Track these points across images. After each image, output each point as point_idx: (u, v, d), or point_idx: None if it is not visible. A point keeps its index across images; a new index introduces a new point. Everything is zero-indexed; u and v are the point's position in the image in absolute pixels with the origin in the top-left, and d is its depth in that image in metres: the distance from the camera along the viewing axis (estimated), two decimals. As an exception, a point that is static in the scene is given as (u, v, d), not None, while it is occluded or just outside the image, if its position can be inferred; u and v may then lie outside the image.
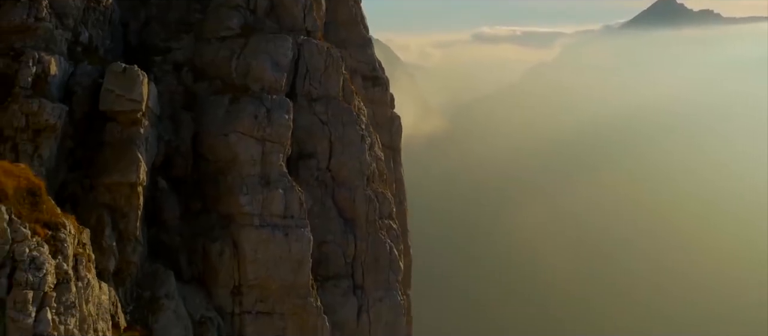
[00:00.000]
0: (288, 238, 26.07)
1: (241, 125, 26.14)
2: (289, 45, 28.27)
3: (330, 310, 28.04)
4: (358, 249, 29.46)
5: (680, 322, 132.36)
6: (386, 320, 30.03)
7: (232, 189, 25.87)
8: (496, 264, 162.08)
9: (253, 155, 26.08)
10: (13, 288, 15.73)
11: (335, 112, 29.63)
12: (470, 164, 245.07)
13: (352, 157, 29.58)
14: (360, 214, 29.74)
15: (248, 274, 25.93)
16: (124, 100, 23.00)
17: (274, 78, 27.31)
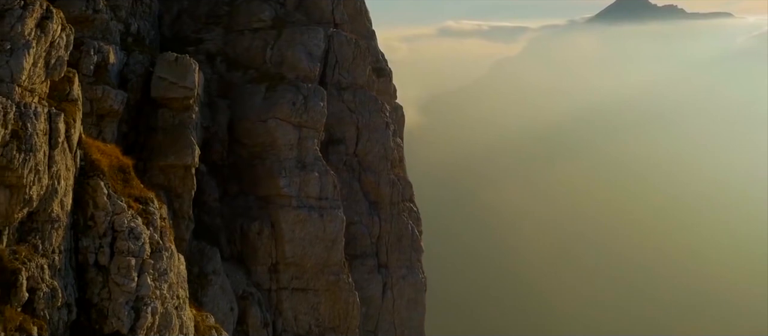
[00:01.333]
0: (323, 219, 27.74)
1: (280, 112, 27.73)
2: (321, 36, 29.92)
3: (357, 287, 29.74)
4: (383, 230, 31.21)
5: (645, 298, 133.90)
6: (408, 297, 31.86)
7: (271, 172, 27.44)
8: (467, 259, 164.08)
9: (290, 140, 27.68)
10: (116, 255, 17.21)
11: (362, 101, 31.34)
12: (442, 158, 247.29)
13: (377, 142, 31.32)
14: (384, 197, 31.49)
15: (286, 253, 27.53)
16: (178, 87, 24.45)
17: (309, 68, 28.94)
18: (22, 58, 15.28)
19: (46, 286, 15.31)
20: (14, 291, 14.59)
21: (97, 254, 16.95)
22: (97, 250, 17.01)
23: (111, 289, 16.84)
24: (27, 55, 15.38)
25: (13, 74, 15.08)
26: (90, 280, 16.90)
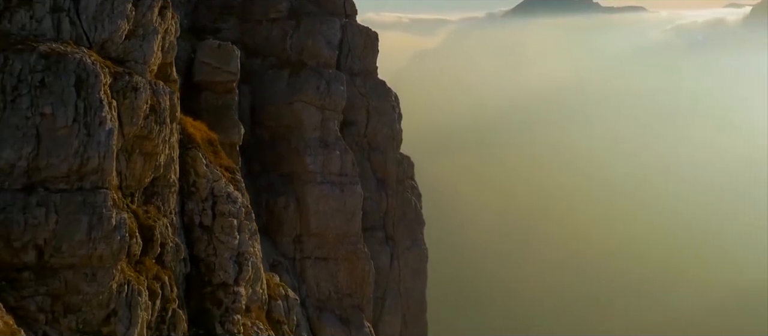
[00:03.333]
0: (343, 193, 30.39)
1: (306, 95, 30.18)
2: (338, 26, 32.46)
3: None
4: (389, 205, 34.03)
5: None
6: (413, 267, 34.80)
7: (297, 150, 29.91)
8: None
9: (314, 121, 30.21)
10: (218, 217, 19.64)
11: (372, 86, 34.04)
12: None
13: (385, 124, 34.07)
14: (390, 175, 34.30)
15: (310, 225, 30.07)
16: (222, 71, 26.63)
17: (329, 55, 31.47)
18: (153, 43, 17.55)
19: (171, 242, 17.63)
20: (151, 245, 16.90)
21: (201, 216, 19.24)
22: (201, 212, 19.35)
23: (216, 246, 19.21)
24: (155, 40, 17.60)
25: (146, 57, 17.33)
26: (196, 239, 19.23)
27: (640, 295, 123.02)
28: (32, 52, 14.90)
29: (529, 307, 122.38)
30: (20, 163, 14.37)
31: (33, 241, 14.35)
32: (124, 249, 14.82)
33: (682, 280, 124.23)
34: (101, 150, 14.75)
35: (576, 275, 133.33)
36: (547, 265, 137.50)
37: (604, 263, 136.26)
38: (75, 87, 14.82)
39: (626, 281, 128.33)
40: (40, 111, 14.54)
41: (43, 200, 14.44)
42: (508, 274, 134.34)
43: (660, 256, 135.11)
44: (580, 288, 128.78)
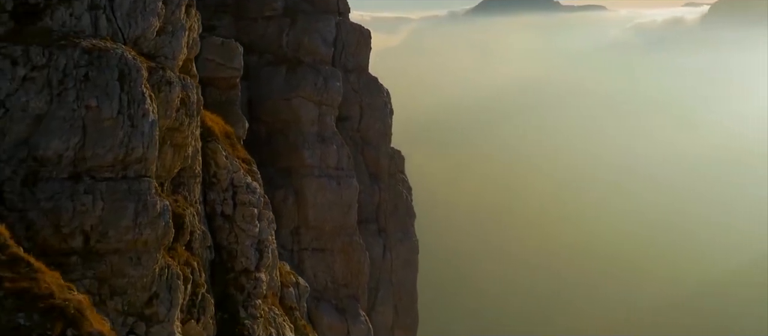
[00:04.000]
0: (340, 186, 31.32)
1: (304, 91, 31.05)
2: (333, 24, 33.34)
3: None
4: (381, 198, 35.03)
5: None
6: (404, 258, 35.84)
7: (295, 145, 30.77)
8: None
9: (311, 117, 31.09)
10: (238, 206, 20.50)
11: (365, 82, 34.98)
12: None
13: (378, 120, 35.06)
14: (383, 169, 35.31)
15: (308, 217, 30.95)
16: (226, 68, 27.38)
17: (325, 52, 32.36)
18: (181, 39, 18.39)
19: (198, 230, 18.49)
20: (181, 232, 17.74)
21: (222, 205, 20.11)
22: (222, 202, 20.22)
23: (237, 234, 20.10)
24: (183, 37, 18.44)
25: (174, 52, 18.18)
26: (218, 227, 20.10)
27: (604, 294, 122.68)
28: (75, 48, 15.63)
29: (497, 306, 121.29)
30: (67, 154, 15.10)
31: (80, 227, 15.09)
32: (168, 234, 15.65)
33: (645, 279, 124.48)
34: (145, 140, 15.56)
35: (542, 274, 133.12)
36: (514, 264, 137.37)
37: (568, 262, 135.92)
38: (118, 81, 15.60)
39: (590, 280, 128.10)
40: (86, 103, 15.29)
41: (90, 188, 15.20)
42: (475, 274, 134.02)
43: (622, 255, 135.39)
44: (547, 288, 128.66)
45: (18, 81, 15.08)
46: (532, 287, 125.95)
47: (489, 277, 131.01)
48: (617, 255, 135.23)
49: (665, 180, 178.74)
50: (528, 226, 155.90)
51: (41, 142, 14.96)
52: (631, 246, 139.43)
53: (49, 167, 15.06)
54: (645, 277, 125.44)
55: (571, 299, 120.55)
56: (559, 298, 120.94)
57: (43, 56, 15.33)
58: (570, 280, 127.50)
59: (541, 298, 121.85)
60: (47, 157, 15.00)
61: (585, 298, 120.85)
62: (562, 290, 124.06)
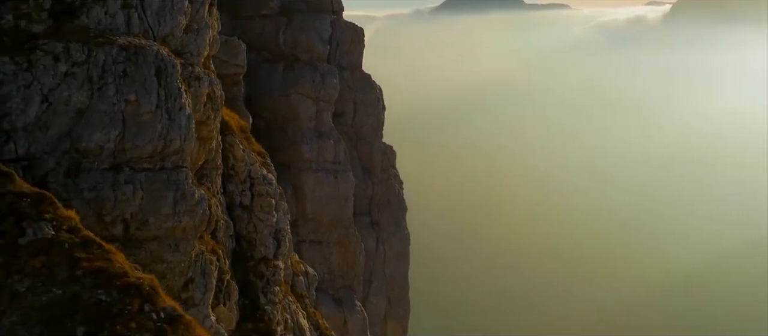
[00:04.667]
0: (337, 180, 32.22)
1: (302, 87, 31.89)
2: (328, 22, 34.18)
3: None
4: (374, 192, 35.99)
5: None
6: (397, 250, 36.85)
7: (294, 140, 31.58)
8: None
9: (309, 112, 31.94)
10: (256, 197, 21.34)
11: (358, 79, 35.89)
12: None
13: (371, 115, 36.01)
14: (375, 163, 36.27)
15: (306, 210, 31.80)
16: (229, 64, 28.09)
17: (321, 49, 33.20)
18: (205, 36, 19.22)
19: (222, 220, 19.34)
20: (208, 221, 18.54)
21: (240, 196, 20.96)
22: (240, 193, 21.06)
23: (256, 224, 20.95)
24: (207, 34, 19.27)
25: (199, 49, 19.01)
26: (237, 217, 20.95)
27: (571, 293, 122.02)
28: (113, 45, 16.38)
29: (461, 305, 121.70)
30: (108, 145, 15.87)
31: (121, 216, 15.87)
32: (205, 222, 16.48)
33: (610, 278, 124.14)
34: (182, 133, 16.38)
35: (511, 274, 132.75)
36: (483, 263, 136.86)
37: (535, 261, 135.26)
38: (156, 76, 16.39)
39: (557, 279, 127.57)
40: (125, 98, 16.06)
41: (130, 178, 15.98)
42: (444, 272, 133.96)
43: (588, 254, 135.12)
44: (515, 287, 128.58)
45: (60, 76, 15.79)
46: (501, 286, 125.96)
47: (459, 276, 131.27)
48: (583, 254, 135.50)
49: (628, 178, 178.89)
50: (495, 226, 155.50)
51: (83, 134, 15.69)
52: (596, 245, 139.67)
53: (90, 158, 15.79)
54: (610, 276, 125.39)
55: (540, 299, 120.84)
56: (527, 298, 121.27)
57: (83, 53, 16.05)
58: (538, 280, 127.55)
59: (511, 297, 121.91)
60: (89, 149, 15.72)
61: (552, 297, 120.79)
62: (530, 290, 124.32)
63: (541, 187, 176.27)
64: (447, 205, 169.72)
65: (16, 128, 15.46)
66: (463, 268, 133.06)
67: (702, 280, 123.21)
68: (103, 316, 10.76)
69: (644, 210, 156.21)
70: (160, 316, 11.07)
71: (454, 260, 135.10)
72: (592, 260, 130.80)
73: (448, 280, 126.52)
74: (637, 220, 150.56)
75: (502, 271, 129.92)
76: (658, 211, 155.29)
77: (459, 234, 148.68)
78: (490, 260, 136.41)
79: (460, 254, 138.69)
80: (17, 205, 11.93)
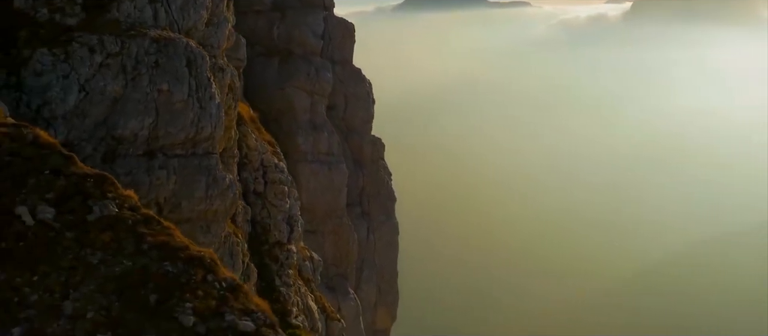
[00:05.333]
0: (331, 171, 33.17)
1: (298, 81, 32.74)
2: (321, 18, 35.06)
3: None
4: (365, 183, 36.98)
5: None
6: (386, 240, 37.90)
7: (289, 132, 32.44)
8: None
9: (304, 105, 32.82)
10: (269, 184, 22.28)
11: (349, 73, 36.83)
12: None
13: (361, 109, 36.98)
14: (366, 155, 37.26)
15: (302, 200, 32.49)
16: (231, 58, 28.80)
17: (315, 44, 34.08)
18: (224, 30, 20.10)
19: (241, 206, 20.26)
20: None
21: (254, 183, 21.89)
22: (254, 180, 21.98)
23: (269, 209, 21.90)
24: (226, 27, 20.16)
25: (219, 42, 19.89)
26: (251, 203, 21.86)
27: (531, 291, 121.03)
28: (145, 37, 17.22)
29: (429, 303, 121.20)
30: (142, 133, 16.71)
31: (155, 199, 16.72)
32: (235, 205, 17.40)
33: (571, 276, 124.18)
34: (213, 121, 17.27)
35: (470, 271, 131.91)
36: (442, 261, 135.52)
37: (494, 260, 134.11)
38: (187, 67, 17.26)
39: (517, 278, 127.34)
40: (158, 87, 16.91)
41: (164, 164, 16.85)
42: (407, 271, 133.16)
43: (547, 253, 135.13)
44: (476, 285, 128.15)
45: (95, 67, 16.60)
46: (469, 285, 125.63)
47: (426, 275, 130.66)
48: (548, 253, 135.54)
49: (591, 177, 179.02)
50: (462, 225, 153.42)
51: (119, 122, 16.52)
52: (561, 244, 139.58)
53: (125, 145, 16.62)
54: (575, 274, 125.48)
55: (506, 297, 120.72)
56: (493, 297, 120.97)
57: (117, 44, 16.88)
58: (504, 279, 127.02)
59: (479, 295, 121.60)
60: (124, 136, 16.55)
61: (518, 296, 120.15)
62: (495, 288, 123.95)
63: (505, 185, 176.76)
64: (413, 206, 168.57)
65: (56, 116, 16.23)
66: (430, 267, 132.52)
67: (664, 276, 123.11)
68: (171, 285, 11.65)
69: (607, 208, 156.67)
70: (222, 285, 11.99)
71: (421, 260, 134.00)
72: (557, 259, 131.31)
73: (416, 280, 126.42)
74: (600, 218, 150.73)
75: (469, 270, 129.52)
76: (621, 209, 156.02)
77: (426, 233, 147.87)
78: (458, 259, 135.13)
79: (428, 254, 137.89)
80: (82, 185, 12.74)
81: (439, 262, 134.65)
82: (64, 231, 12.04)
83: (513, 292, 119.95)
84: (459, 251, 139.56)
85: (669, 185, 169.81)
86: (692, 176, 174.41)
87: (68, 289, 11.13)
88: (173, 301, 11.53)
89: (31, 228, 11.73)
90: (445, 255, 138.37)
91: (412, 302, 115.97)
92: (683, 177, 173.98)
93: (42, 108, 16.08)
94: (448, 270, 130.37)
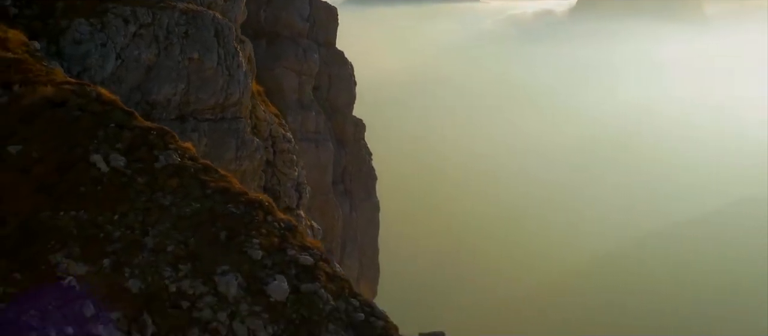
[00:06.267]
0: (318, 149, 34.40)
1: (286, 61, 33.84)
2: (307, 1, 36.19)
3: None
4: (347, 162, 38.27)
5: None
6: (368, 217, 39.24)
7: (278, 111, 33.48)
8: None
9: (293, 85, 33.94)
10: (278, 153, 23.49)
11: (333, 55, 38.02)
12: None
13: (344, 90, 38.22)
14: (348, 135, 38.54)
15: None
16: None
17: (301, 26, 35.20)
18: (241, 4, 21.25)
19: (255, 171, 21.37)
20: (248, 170, 20.59)
21: (264, 152, 23.06)
22: (264, 150, 23.14)
23: (279, 177, 23.13)
24: (243, 2, 21.33)
25: (237, 16, 21.05)
26: (263, 171, 23.00)
27: (475, 287, 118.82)
28: (174, 10, 18.32)
29: (377, 300, 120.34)
30: (175, 98, 17.85)
31: (187, 161, 17.82)
32: (261, 166, 18.61)
33: (516, 270, 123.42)
34: (240, 87, 18.47)
35: (418, 267, 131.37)
36: (389, 257, 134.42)
37: (438, 256, 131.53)
38: (215, 37, 18.42)
39: (461, 273, 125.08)
40: (189, 56, 18.05)
41: (196, 127, 18.01)
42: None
43: (490, 247, 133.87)
44: (422, 281, 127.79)
45: (130, 36, 17.68)
46: (414, 281, 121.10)
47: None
48: (489, 248, 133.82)
49: (536, 172, 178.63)
50: (406, 221, 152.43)
51: (153, 88, 17.62)
52: (502, 238, 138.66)
53: (159, 109, 17.72)
54: (516, 269, 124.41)
55: (452, 293, 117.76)
56: (436, 291, 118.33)
57: (149, 16, 17.96)
58: (449, 274, 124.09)
59: (425, 291, 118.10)
60: (158, 101, 17.67)
61: (463, 291, 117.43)
62: (439, 284, 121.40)
63: (453, 181, 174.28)
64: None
65: (95, 82, 17.22)
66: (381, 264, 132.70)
67: (600, 270, 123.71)
68: (237, 224, 12.96)
69: (553, 203, 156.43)
70: (280, 225, 13.32)
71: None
72: (503, 254, 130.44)
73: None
74: (547, 213, 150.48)
75: (414, 266, 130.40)
76: (567, 203, 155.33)
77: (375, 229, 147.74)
78: (403, 254, 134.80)
79: (387, 250, 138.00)
80: (146, 136, 13.91)
81: (383, 257, 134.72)
82: (136, 177, 13.26)
83: (461, 288, 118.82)
84: (405, 245, 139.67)
85: (614, 180, 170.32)
86: (636, 170, 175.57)
87: (147, 227, 12.36)
88: (241, 237, 12.86)
89: (105, 174, 12.88)
90: (392, 250, 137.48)
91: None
92: (628, 171, 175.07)
93: (82, 74, 17.06)
94: (397, 267, 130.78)
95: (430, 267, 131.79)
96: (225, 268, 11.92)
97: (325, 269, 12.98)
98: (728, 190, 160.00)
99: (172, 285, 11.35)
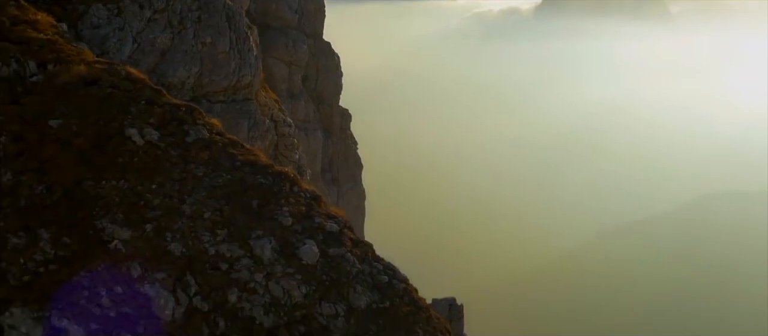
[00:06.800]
0: (308, 137, 35.14)
1: (277, 51, 34.52)
2: (296, -7, 36.98)
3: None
4: (334, 151, 39.07)
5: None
6: (354, 204, 40.05)
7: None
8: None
9: (283, 74, 34.63)
10: (280, 137, 24.27)
11: (320, 47, 38.77)
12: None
13: (331, 81, 38.99)
14: (335, 124, 39.32)
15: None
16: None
17: (291, 17, 35.89)
18: (247, -7, 21.94)
19: (260, 153, 22.16)
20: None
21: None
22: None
23: (281, 160, 23.90)
24: (247, -9, 22.04)
25: (242, 3, 21.77)
26: (264, 155, 23.73)
27: (439, 284, 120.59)
28: (186, -5, 19.02)
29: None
30: (189, 81, 18.58)
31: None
32: (272, 146, 19.39)
33: (480, 267, 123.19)
34: (251, 70, 19.23)
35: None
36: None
37: (406, 255, 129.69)
38: (227, 22, 19.17)
39: (427, 271, 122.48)
40: (202, 40, 18.79)
41: (209, 109, 18.74)
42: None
43: (456, 245, 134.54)
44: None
45: (145, 21, 18.36)
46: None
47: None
48: (455, 245, 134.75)
49: (502, 168, 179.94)
50: (375, 219, 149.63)
51: (168, 70, 18.33)
52: (468, 235, 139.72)
53: (173, 91, 18.38)
54: (482, 266, 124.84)
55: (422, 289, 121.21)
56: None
57: (162, 1, 18.65)
58: (411, 271, 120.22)
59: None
60: (173, 83, 18.37)
61: (427, 288, 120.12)
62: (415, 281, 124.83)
63: (420, 178, 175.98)
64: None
65: (113, 64, 17.93)
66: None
67: (563, 267, 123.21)
68: (267, 193, 13.77)
69: (519, 200, 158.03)
70: (306, 195, 14.15)
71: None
72: (469, 251, 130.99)
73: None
74: (512, 210, 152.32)
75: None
76: (533, 201, 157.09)
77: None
78: (380, 250, 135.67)
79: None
80: (176, 112, 14.63)
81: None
82: (169, 149, 14.01)
83: (427, 285, 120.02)
84: (374, 244, 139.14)
85: (581, 176, 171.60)
86: (603, 167, 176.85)
87: (184, 195, 13.14)
88: (271, 206, 13.68)
89: (141, 147, 13.63)
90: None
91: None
92: (595, 168, 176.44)
93: (100, 57, 17.70)
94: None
95: (392, 261, 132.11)
96: (259, 233, 12.64)
97: (350, 235, 13.81)
98: (694, 186, 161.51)
99: (211, 248, 12.06)
